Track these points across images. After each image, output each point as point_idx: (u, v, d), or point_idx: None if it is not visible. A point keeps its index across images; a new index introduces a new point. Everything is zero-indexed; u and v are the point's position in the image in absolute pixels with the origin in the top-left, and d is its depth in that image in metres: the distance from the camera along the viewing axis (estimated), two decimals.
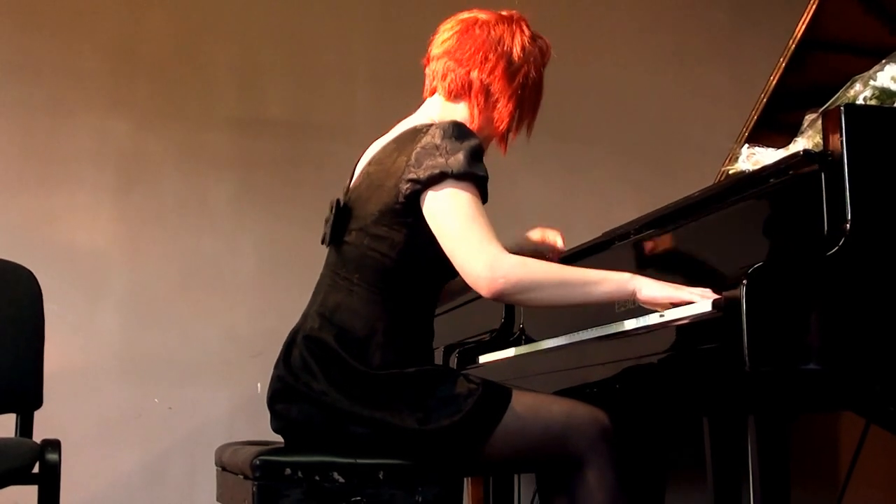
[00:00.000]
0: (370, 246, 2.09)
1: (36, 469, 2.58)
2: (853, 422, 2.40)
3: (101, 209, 4.03)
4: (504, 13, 2.22)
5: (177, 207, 4.09)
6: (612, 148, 4.49)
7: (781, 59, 2.61)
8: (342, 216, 2.17)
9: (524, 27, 2.21)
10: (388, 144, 2.17)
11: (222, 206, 4.14)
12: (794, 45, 2.58)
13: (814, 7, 2.53)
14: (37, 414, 2.90)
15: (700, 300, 1.90)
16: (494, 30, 2.18)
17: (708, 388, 1.88)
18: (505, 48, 2.16)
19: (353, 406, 2.01)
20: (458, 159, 1.99)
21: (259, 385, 3.95)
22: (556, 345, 2.34)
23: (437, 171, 1.99)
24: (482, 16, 2.20)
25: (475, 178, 2.01)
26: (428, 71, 2.25)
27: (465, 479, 3.18)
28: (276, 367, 2.15)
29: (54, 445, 2.61)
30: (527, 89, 2.17)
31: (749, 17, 4.65)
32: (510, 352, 2.65)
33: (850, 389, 1.77)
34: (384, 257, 2.08)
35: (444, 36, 2.21)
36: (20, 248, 3.47)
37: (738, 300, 1.72)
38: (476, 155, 2.02)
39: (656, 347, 1.97)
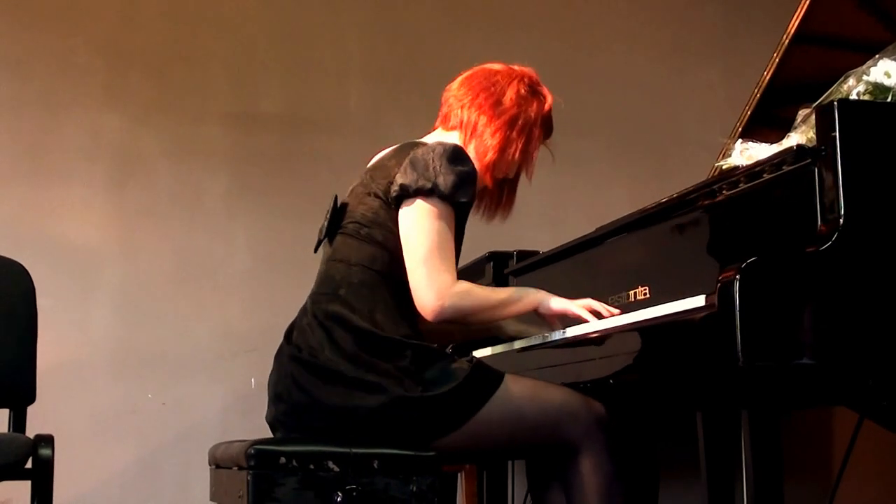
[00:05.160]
0: (366, 235, 2.20)
1: (29, 464, 2.58)
2: (846, 416, 2.41)
3: (94, 204, 4.02)
4: (515, 67, 2.35)
5: (170, 202, 4.08)
6: (606, 143, 4.49)
7: (775, 55, 2.61)
8: (338, 214, 2.27)
9: (525, 79, 2.33)
10: (388, 153, 2.30)
11: (216, 201, 4.13)
12: (787, 41, 2.58)
13: (807, 2, 2.53)
14: (30, 409, 2.90)
15: (587, 314, 2.18)
16: (494, 76, 2.32)
17: (701, 382, 1.89)
18: (498, 90, 2.30)
19: (357, 371, 2.07)
20: (447, 181, 2.13)
21: (253, 381, 3.95)
22: (549, 340, 2.34)
23: (427, 184, 2.12)
24: (493, 66, 2.36)
25: (457, 203, 2.15)
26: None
27: (459, 474, 3.18)
28: (279, 351, 2.22)
29: (47, 441, 2.61)
30: (514, 129, 2.28)
31: (743, 13, 4.65)
32: (504, 347, 2.65)
33: (843, 384, 1.77)
34: (379, 246, 2.18)
35: (455, 81, 2.36)
36: (13, 243, 3.46)
37: (732, 295, 1.72)
38: (466, 181, 2.15)
39: (650, 343, 1.97)
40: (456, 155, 2.16)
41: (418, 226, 2.13)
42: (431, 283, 2.11)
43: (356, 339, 2.10)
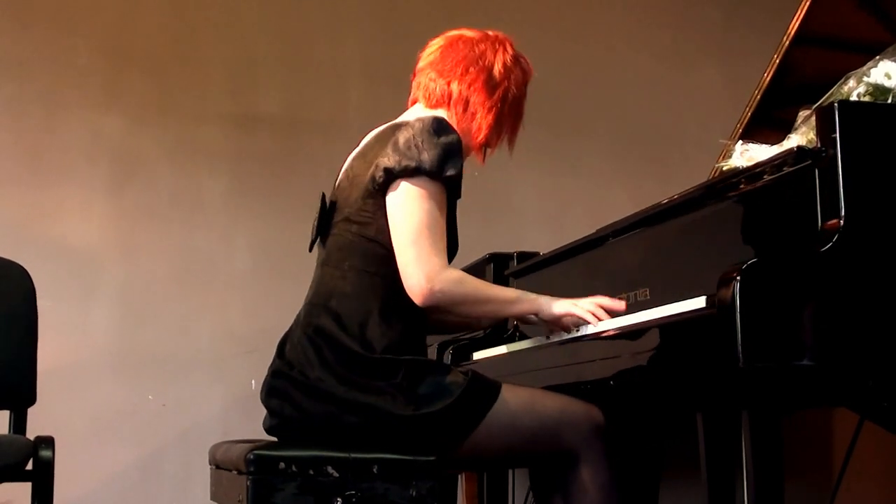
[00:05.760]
0: (357, 233, 2.14)
1: (29, 466, 2.58)
2: (847, 417, 2.41)
3: (94, 205, 4.02)
4: (490, 33, 2.28)
5: (170, 203, 4.08)
6: (606, 144, 4.49)
7: (775, 56, 2.61)
8: (328, 212, 2.22)
9: (507, 47, 2.27)
10: (370, 140, 2.24)
11: (216, 202, 4.13)
12: (787, 42, 2.58)
13: (807, 4, 2.53)
14: (30, 411, 2.90)
15: (591, 317, 2.11)
16: (478, 46, 2.25)
17: (702, 384, 1.89)
18: (486, 63, 2.23)
19: (349, 392, 2.03)
20: (431, 156, 2.06)
21: (253, 382, 3.95)
22: (550, 341, 2.34)
23: (411, 164, 2.06)
24: (468, 33, 2.28)
25: (445, 178, 2.07)
26: (413, 84, 2.31)
27: (460, 476, 3.18)
28: (272, 364, 2.18)
29: (48, 442, 2.61)
30: (506, 105, 2.23)
31: (743, 14, 4.65)
32: (504, 348, 2.65)
33: (843, 385, 1.77)
34: (371, 242, 2.12)
35: (430, 50, 2.29)
36: (13, 245, 3.46)
37: (732, 296, 1.72)
38: (451, 152, 2.08)
39: (650, 344, 1.97)
40: (438, 126, 2.08)
41: (406, 208, 2.06)
42: (421, 266, 2.04)
43: (345, 360, 2.06)
